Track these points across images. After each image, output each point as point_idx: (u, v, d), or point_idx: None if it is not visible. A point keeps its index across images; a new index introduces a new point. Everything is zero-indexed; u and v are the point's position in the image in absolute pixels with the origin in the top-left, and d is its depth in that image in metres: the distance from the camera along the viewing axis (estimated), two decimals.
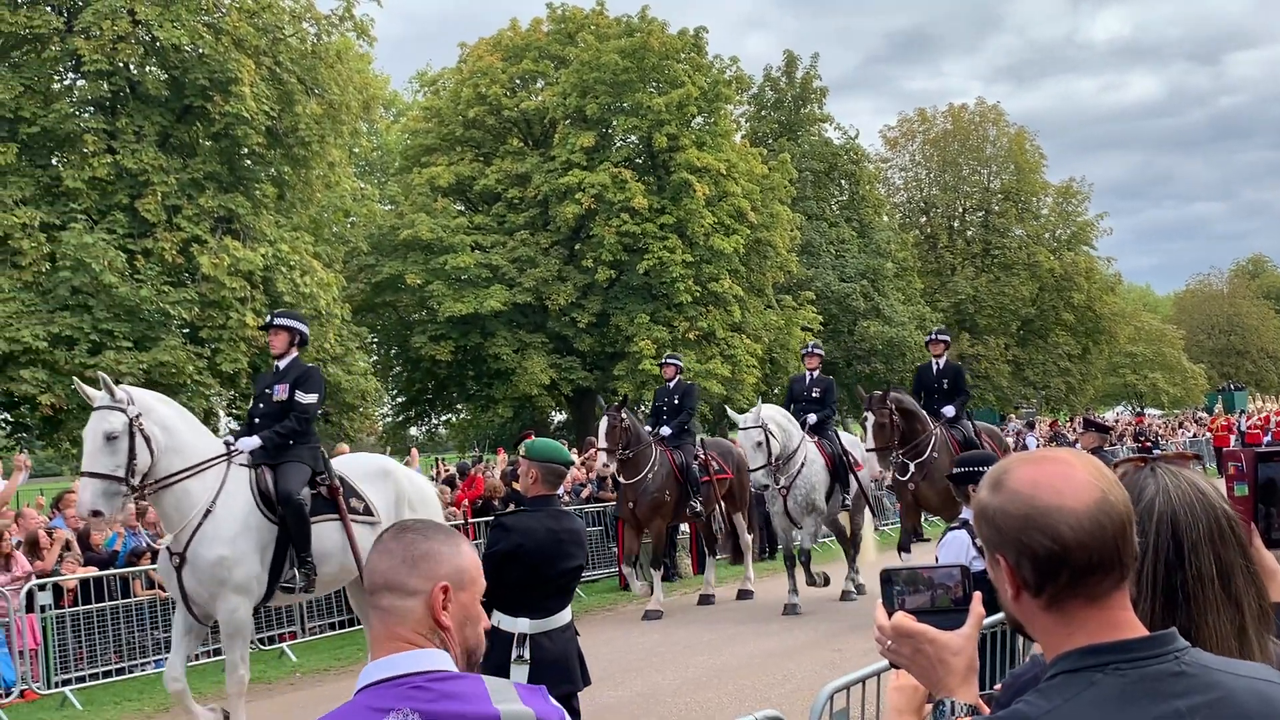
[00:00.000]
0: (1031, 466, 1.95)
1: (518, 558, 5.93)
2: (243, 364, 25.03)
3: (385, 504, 10.13)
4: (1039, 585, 1.91)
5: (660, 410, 15.97)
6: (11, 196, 23.31)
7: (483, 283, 32.43)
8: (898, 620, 2.17)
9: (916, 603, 2.21)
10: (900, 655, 2.18)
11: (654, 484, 14.82)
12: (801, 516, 14.96)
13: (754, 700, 9.94)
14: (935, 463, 13.76)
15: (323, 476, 9.75)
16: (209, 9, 25.22)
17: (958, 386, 15.04)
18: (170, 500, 9.03)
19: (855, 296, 41.65)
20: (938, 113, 53.59)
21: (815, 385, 15.97)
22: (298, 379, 9.79)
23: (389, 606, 2.36)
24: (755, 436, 14.37)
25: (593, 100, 33.83)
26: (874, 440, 13.69)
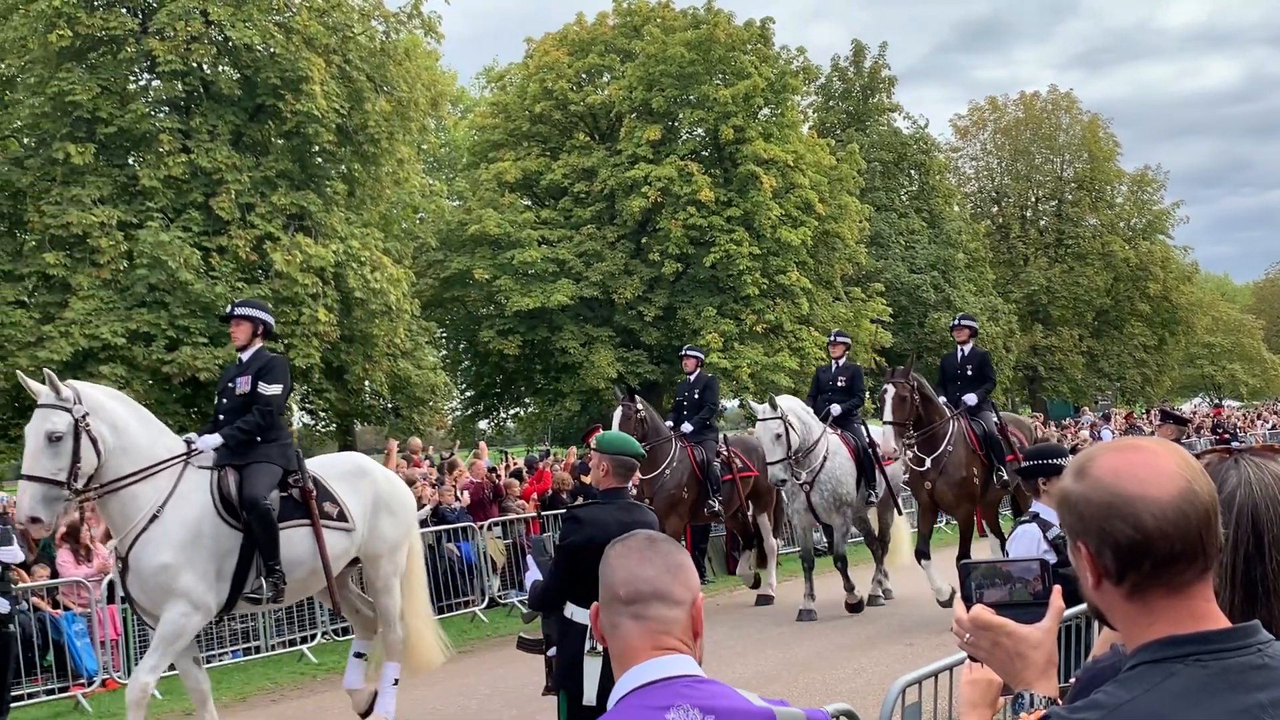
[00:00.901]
0: (1117, 454, 1.92)
1: (590, 550, 5.92)
2: (315, 359, 25.36)
3: (361, 507, 9.62)
4: (1120, 574, 1.88)
5: (681, 405, 15.32)
6: (90, 196, 23.79)
7: (549, 277, 32.58)
8: (976, 613, 2.16)
9: (994, 596, 2.20)
10: (979, 648, 2.17)
11: (671, 480, 14.14)
12: (829, 513, 14.17)
13: (824, 694, 9.89)
14: (951, 457, 13.03)
15: (296, 478, 9.14)
16: (280, 8, 25.57)
17: (983, 374, 14.07)
18: (116, 505, 8.47)
19: (925, 288, 41.27)
20: (1009, 101, 52.96)
21: (841, 374, 15.20)
22: (260, 370, 9.18)
23: (656, 615, 2.38)
24: (774, 428, 13.57)
25: (659, 93, 33.81)
26: (892, 413, 12.66)
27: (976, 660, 2.22)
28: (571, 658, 5.94)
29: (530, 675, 11.07)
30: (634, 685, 2.34)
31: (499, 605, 15.67)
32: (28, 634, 11.35)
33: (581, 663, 5.90)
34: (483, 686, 11.27)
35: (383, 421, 31.41)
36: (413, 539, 10.32)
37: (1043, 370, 49.71)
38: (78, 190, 23.72)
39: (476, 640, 13.90)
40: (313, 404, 29.79)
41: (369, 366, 27.34)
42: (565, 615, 6.06)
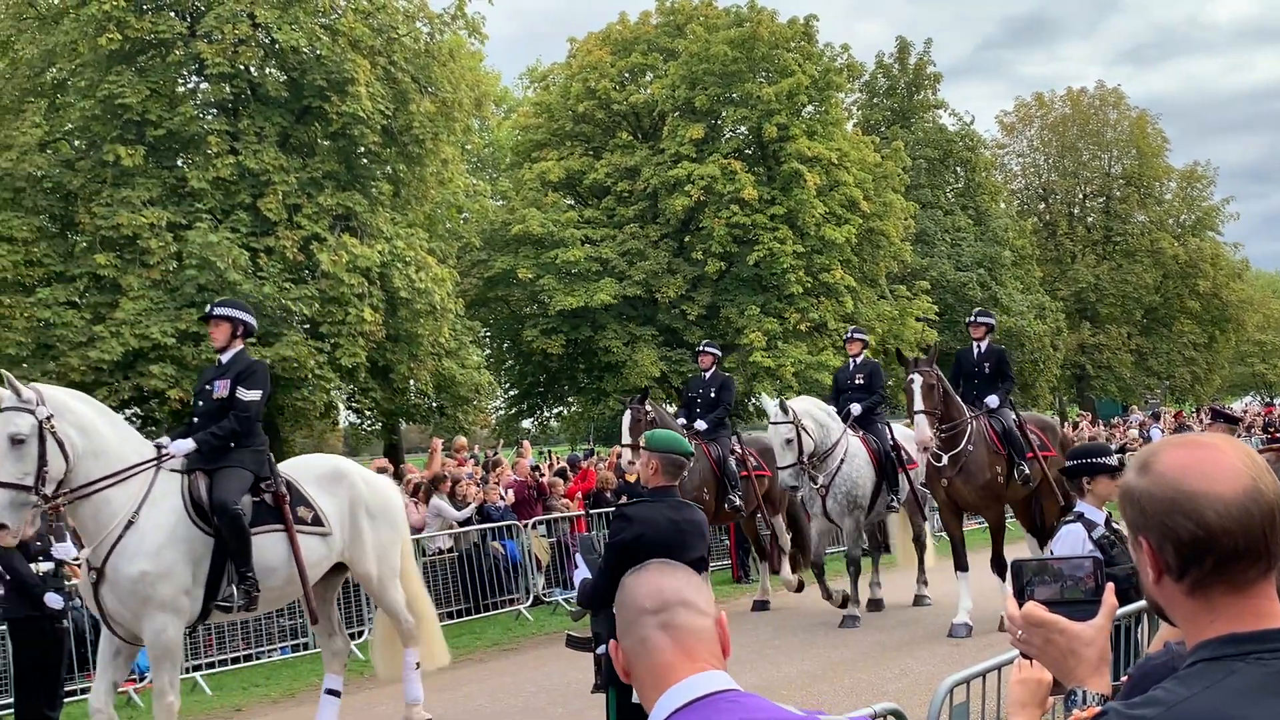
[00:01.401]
0: (1182, 450, 1.90)
1: (639, 548, 5.94)
2: (361, 358, 25.55)
3: (338, 511, 9.34)
4: (1181, 570, 1.86)
5: (694, 402, 14.89)
6: (140, 197, 24.10)
7: (593, 276, 32.63)
8: (1028, 610, 2.15)
9: (1046, 593, 2.19)
10: (1031, 645, 2.16)
11: (690, 481, 13.48)
12: (842, 516, 13.57)
13: (870, 694, 9.85)
14: (971, 456, 12.53)
15: (268, 482, 8.88)
16: (325, 10, 25.79)
17: (1001, 372, 13.46)
18: (88, 511, 8.15)
19: (972, 286, 40.95)
20: (1056, 97, 52.44)
21: (859, 371, 14.63)
22: (240, 374, 8.90)
23: (686, 623, 2.32)
24: (784, 433, 13.02)
25: (702, 92, 33.79)
26: (922, 401, 12.06)
27: (1028, 657, 2.21)
28: None
29: (575, 673, 11.11)
30: (675, 706, 2.26)
31: (544, 603, 15.72)
32: (80, 630, 11.51)
33: None
34: (528, 684, 11.32)
35: (428, 420, 31.61)
36: (404, 541, 10.11)
37: (1091, 369, 49.23)
38: (128, 192, 24.03)
39: (522, 638, 13.96)
40: (359, 403, 30.00)
41: (414, 366, 27.51)
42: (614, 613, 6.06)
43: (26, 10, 25.29)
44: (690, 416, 14.69)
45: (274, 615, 13.20)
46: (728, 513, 14.52)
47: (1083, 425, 31.08)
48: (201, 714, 11.05)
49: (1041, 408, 45.71)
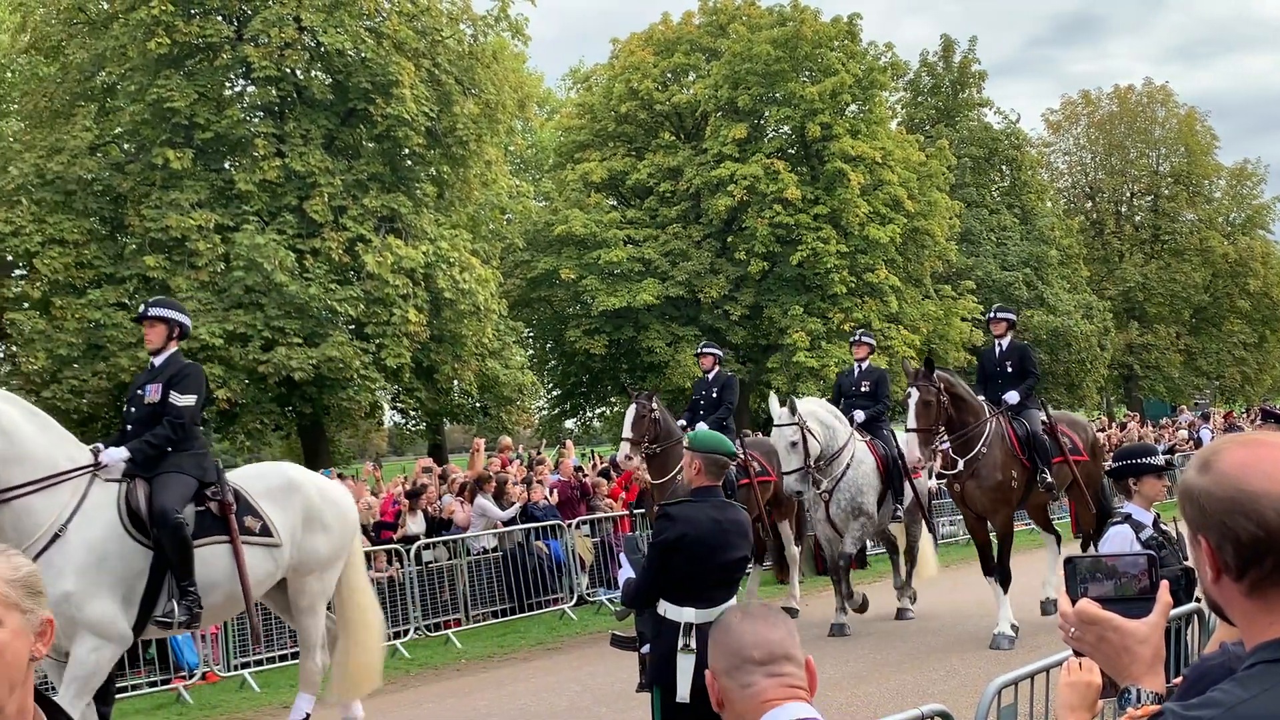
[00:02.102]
0: (1244, 449, 1.88)
1: (682, 547, 5.96)
2: (405, 359, 25.71)
3: (289, 522, 8.76)
4: (1240, 570, 1.84)
5: (698, 404, 14.45)
6: (188, 200, 24.38)
7: (635, 276, 32.65)
8: (1082, 607, 2.14)
9: (1100, 591, 2.18)
10: (1084, 642, 2.14)
11: (685, 490, 13.88)
12: (845, 523, 13.14)
13: (916, 695, 9.78)
14: (985, 459, 11.95)
15: (213, 490, 8.36)
16: (370, 14, 25.98)
17: (1024, 369, 12.85)
18: (9, 518, 7.56)
19: (1018, 285, 40.61)
20: (1103, 95, 51.94)
21: (865, 378, 14.01)
22: (173, 378, 8.39)
23: (789, 672, 2.66)
24: (790, 435, 12.49)
25: (744, 91, 33.72)
26: (915, 419, 11.42)
27: (1081, 655, 2.20)
28: (665, 654, 5.96)
29: (619, 672, 11.11)
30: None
31: (587, 603, 15.75)
32: None
33: (675, 659, 5.91)
34: (573, 684, 11.34)
35: (471, 420, 31.80)
36: (354, 552, 9.54)
37: (1139, 369, 48.70)
38: (176, 194, 24.31)
39: (565, 637, 13.99)
40: (403, 403, 30.22)
41: (458, 366, 27.66)
42: (659, 612, 6.07)
43: (77, 15, 25.65)
44: (693, 419, 14.17)
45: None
46: None
47: (1131, 426, 30.72)
48: (250, 710, 11.16)
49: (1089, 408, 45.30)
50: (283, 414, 26.55)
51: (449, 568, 14.75)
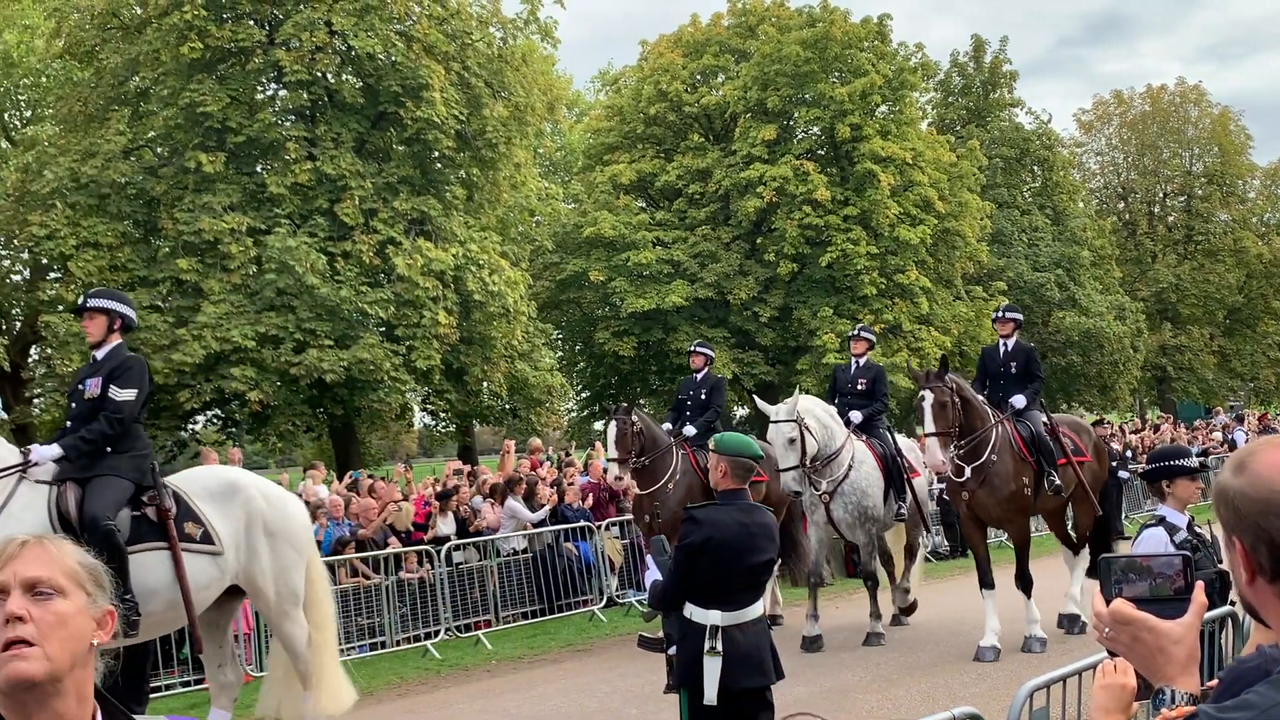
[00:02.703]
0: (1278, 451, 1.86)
1: (708, 550, 5.96)
2: (435, 361, 25.80)
3: (232, 529, 8.39)
4: (1275, 571, 1.83)
5: (684, 405, 14.01)
6: (220, 203, 24.55)
7: (664, 278, 32.65)
8: (1116, 607, 2.12)
9: (1134, 591, 2.16)
10: (1119, 643, 2.13)
11: (676, 494, 12.86)
12: (853, 529, 12.65)
13: (946, 699, 9.74)
14: (994, 466, 11.55)
15: (151, 494, 8.05)
16: (400, 17, 26.09)
17: (1029, 371, 12.48)
18: None
19: (1049, 286, 40.37)
20: (1135, 94, 51.62)
21: (861, 375, 13.44)
22: (113, 371, 8.03)
23: None
24: (787, 432, 11.98)
25: (774, 93, 33.67)
26: (933, 423, 11.08)
27: (1115, 655, 2.18)
28: (692, 656, 5.96)
29: (650, 674, 11.12)
30: None
31: (617, 604, 15.76)
32: None
33: (702, 661, 5.91)
34: (603, 685, 11.35)
35: (501, 422, 31.86)
36: (312, 564, 9.04)
37: (1172, 370, 48.32)
38: (209, 198, 24.49)
39: (595, 639, 14.01)
40: (433, 405, 30.31)
41: (487, 368, 27.73)
42: (685, 614, 6.07)
43: (110, 20, 25.87)
44: (677, 420, 13.89)
45: (352, 614, 13.40)
46: None
47: (1164, 428, 30.49)
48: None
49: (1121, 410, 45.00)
50: (314, 416, 26.69)
51: (479, 569, 14.80)
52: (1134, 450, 24.86)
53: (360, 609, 13.49)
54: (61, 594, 2.18)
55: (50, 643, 2.13)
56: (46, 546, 2.23)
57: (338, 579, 13.46)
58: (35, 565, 2.18)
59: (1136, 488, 22.92)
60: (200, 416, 27.74)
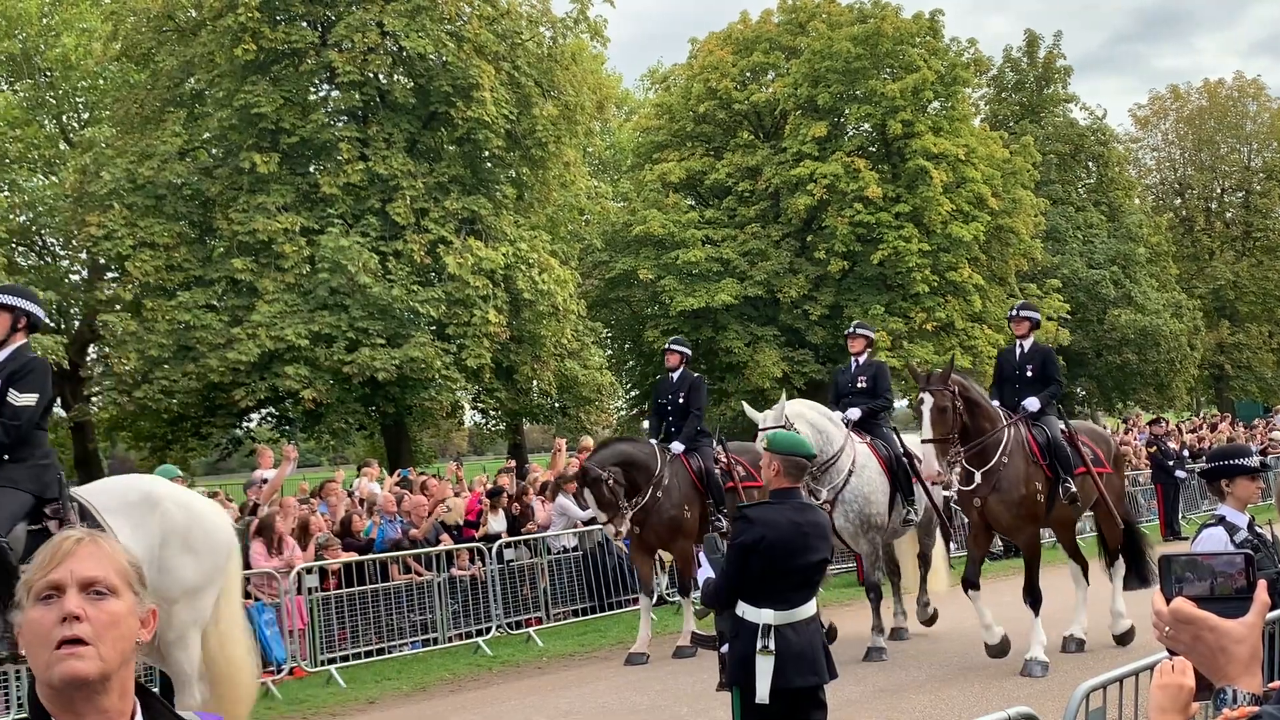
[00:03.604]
0: None
1: (760, 549, 5.94)
2: (486, 359, 25.94)
3: (146, 543, 7.56)
4: None
5: (664, 408, 13.12)
6: (274, 203, 24.83)
7: (714, 277, 32.60)
8: (1177, 605, 2.10)
9: (1195, 590, 2.14)
10: (1179, 642, 2.10)
11: (669, 500, 12.35)
12: (857, 538, 11.92)
13: (1000, 699, 9.65)
14: (1006, 470, 10.83)
15: (54, 507, 7.41)
16: (451, 18, 26.25)
17: (1046, 375, 11.70)
18: None
19: (1105, 283, 39.90)
20: (1192, 89, 50.85)
21: (862, 373, 12.73)
22: (14, 374, 7.41)
23: None
24: None
25: (824, 89, 33.51)
26: (931, 429, 10.41)
27: (1175, 654, 2.15)
28: (744, 655, 5.95)
29: (701, 672, 11.11)
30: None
31: (667, 603, 15.75)
32: None
33: (754, 660, 5.90)
34: (654, 683, 11.35)
35: (550, 420, 31.97)
36: (230, 578, 8.35)
37: (1230, 369, 47.59)
38: (263, 198, 24.77)
39: None
40: (484, 403, 30.48)
41: (537, 366, 27.84)
42: (737, 613, 6.06)
43: (166, 23, 26.24)
44: (656, 426, 13.14)
45: (404, 610, 13.50)
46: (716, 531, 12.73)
47: (1222, 426, 30.03)
48: (336, 705, 11.32)
49: (1179, 409, 44.39)
50: (366, 414, 26.92)
51: (530, 566, 14.85)
52: (1191, 450, 24.51)
53: (412, 606, 13.59)
54: (114, 594, 2.22)
55: (104, 643, 2.17)
56: (100, 544, 2.27)
57: (390, 576, 13.58)
58: (91, 564, 2.21)
59: (1195, 487, 22.59)
60: (255, 414, 28.08)
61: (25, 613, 2.19)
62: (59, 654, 2.14)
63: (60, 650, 2.14)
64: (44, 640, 2.14)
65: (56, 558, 2.20)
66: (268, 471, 15.61)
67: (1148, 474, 22.91)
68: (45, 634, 2.15)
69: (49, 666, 2.14)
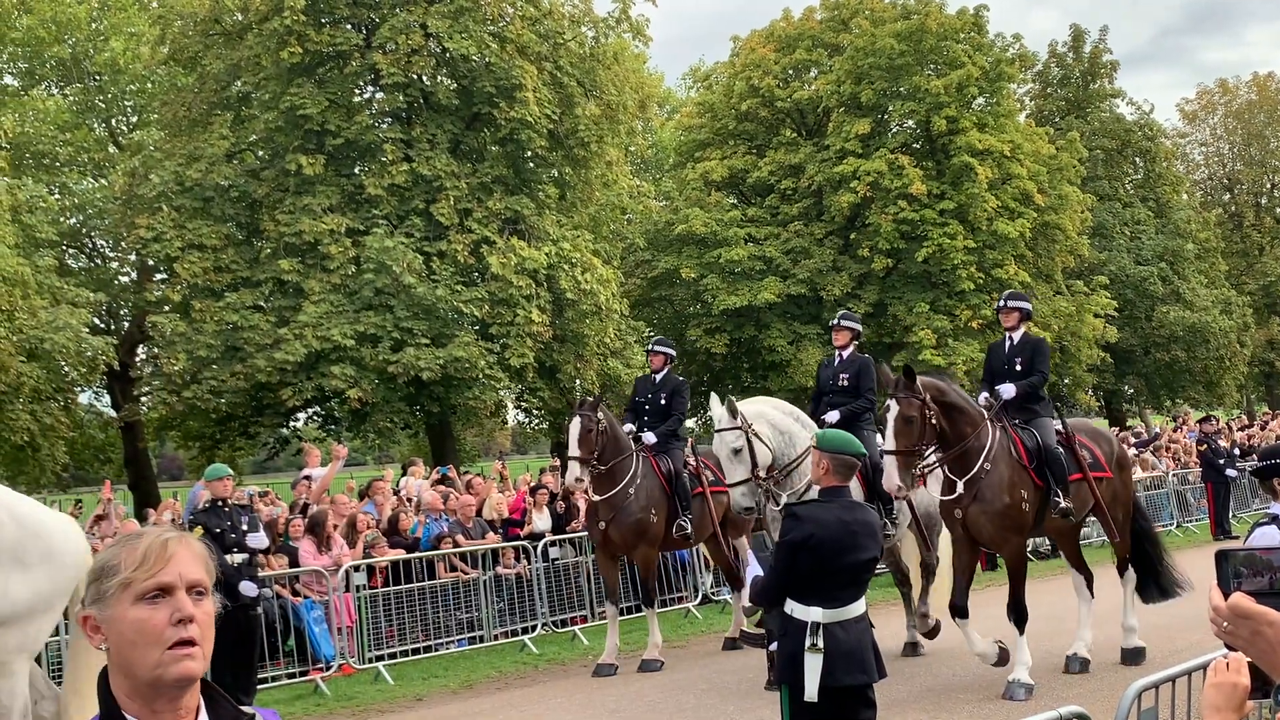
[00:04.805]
0: None
1: (809, 547, 5.94)
2: (529, 358, 26.01)
3: None
4: None
5: (641, 407, 12.70)
6: (320, 205, 25.02)
7: (756, 275, 32.54)
8: (1236, 600, 2.08)
9: (1253, 585, 2.12)
10: (1237, 637, 2.09)
11: (637, 501, 11.89)
12: None
13: (1050, 699, 9.59)
14: (989, 478, 9.95)
15: None
16: (494, 19, 26.36)
17: (1033, 367, 10.79)
18: None
19: (1153, 280, 39.47)
20: (1241, 83, 50.21)
21: (844, 370, 11.73)
22: None
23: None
24: (731, 441, 10.38)
25: (867, 86, 33.35)
26: (894, 439, 9.42)
27: (1232, 650, 2.14)
28: (792, 653, 5.95)
29: (746, 671, 11.12)
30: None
31: (712, 601, 15.77)
32: (270, 619, 12.01)
33: (803, 658, 5.90)
34: (700, 681, 11.36)
35: None
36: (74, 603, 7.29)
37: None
38: (309, 200, 24.98)
39: (691, 636, 14.04)
40: (527, 402, 30.59)
41: (580, 365, 27.89)
42: (786, 611, 6.06)
43: (213, 27, 26.50)
44: (635, 422, 12.59)
45: (450, 609, 13.59)
46: (677, 539, 12.37)
47: (1272, 425, 29.62)
48: (384, 702, 11.42)
49: (1229, 406, 43.82)
50: (411, 413, 27.08)
51: (575, 565, 14.91)
52: (1242, 448, 24.21)
53: (459, 604, 13.69)
54: (208, 594, 2.30)
55: (205, 642, 2.25)
56: (192, 545, 2.33)
57: (436, 574, 13.67)
58: (193, 566, 2.28)
59: (1246, 486, 22.33)
60: (302, 414, 28.33)
61: (118, 609, 2.21)
62: (174, 654, 2.19)
63: (175, 650, 2.20)
64: (155, 640, 2.19)
65: (162, 559, 2.24)
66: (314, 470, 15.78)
67: (1198, 472, 22.68)
68: (157, 634, 2.19)
69: (160, 665, 2.19)
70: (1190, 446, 24.03)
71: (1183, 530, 21.99)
